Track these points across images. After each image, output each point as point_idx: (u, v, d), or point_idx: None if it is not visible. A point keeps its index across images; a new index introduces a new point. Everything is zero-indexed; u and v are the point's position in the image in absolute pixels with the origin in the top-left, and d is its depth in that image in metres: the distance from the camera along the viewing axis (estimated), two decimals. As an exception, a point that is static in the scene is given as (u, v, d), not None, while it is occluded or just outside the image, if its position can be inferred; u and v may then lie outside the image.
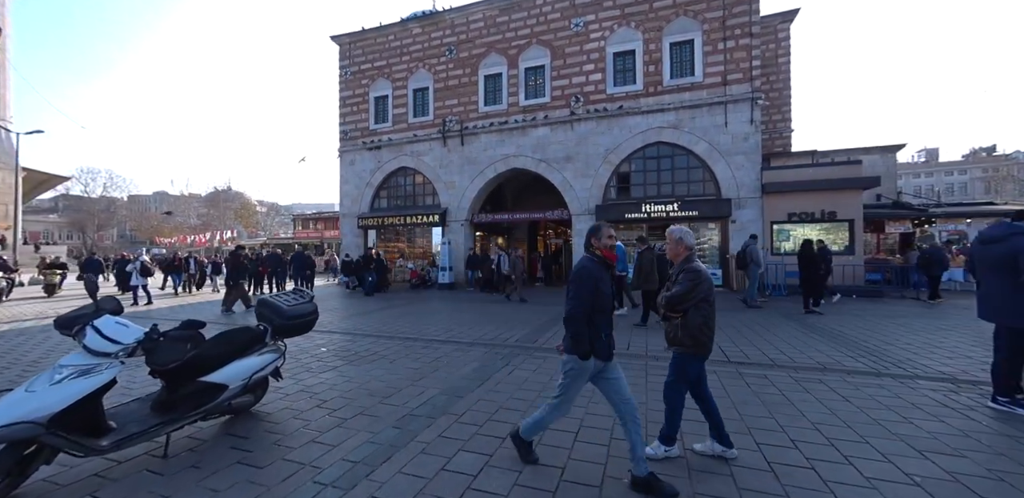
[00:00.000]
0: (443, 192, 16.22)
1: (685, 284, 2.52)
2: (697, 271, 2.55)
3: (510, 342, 6.00)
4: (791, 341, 5.85)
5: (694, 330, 2.53)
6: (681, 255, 2.68)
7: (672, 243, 2.71)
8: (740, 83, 12.68)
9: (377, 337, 6.50)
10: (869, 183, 11.70)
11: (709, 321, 2.56)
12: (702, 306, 2.53)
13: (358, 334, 6.73)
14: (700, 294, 2.52)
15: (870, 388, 3.81)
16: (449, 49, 16.22)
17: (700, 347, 2.56)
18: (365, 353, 5.41)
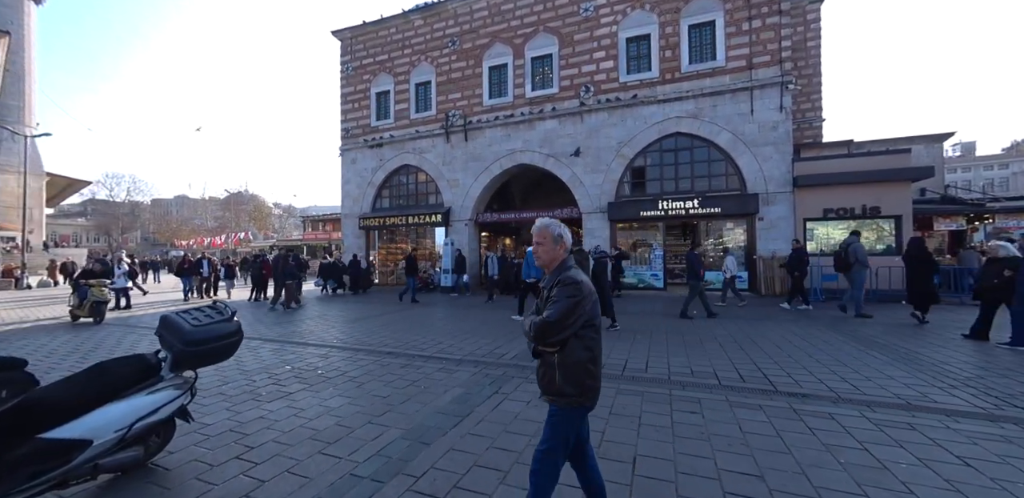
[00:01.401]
0: (446, 190, 15.43)
1: (562, 303, 1.73)
2: (577, 283, 1.77)
3: (505, 359, 5.10)
4: (848, 362, 4.79)
5: (578, 371, 1.77)
6: (555, 258, 1.88)
7: (543, 240, 1.89)
8: (767, 66, 11.52)
9: (355, 351, 5.68)
10: (920, 174, 10.41)
11: (597, 356, 1.83)
12: (586, 334, 1.79)
13: (335, 347, 5.93)
14: (583, 317, 1.75)
15: (993, 442, 2.77)
16: (452, 40, 15.45)
17: (586, 395, 1.80)
18: (333, 373, 4.59)
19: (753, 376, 4.27)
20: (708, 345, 5.73)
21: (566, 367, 1.75)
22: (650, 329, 6.93)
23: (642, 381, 4.17)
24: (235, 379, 4.43)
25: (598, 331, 1.84)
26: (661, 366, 4.71)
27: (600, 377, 1.85)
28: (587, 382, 1.77)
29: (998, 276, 5.43)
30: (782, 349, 5.44)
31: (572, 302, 1.71)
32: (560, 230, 1.89)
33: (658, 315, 8.52)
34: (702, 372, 4.44)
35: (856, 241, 8.02)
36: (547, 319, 1.71)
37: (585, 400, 1.79)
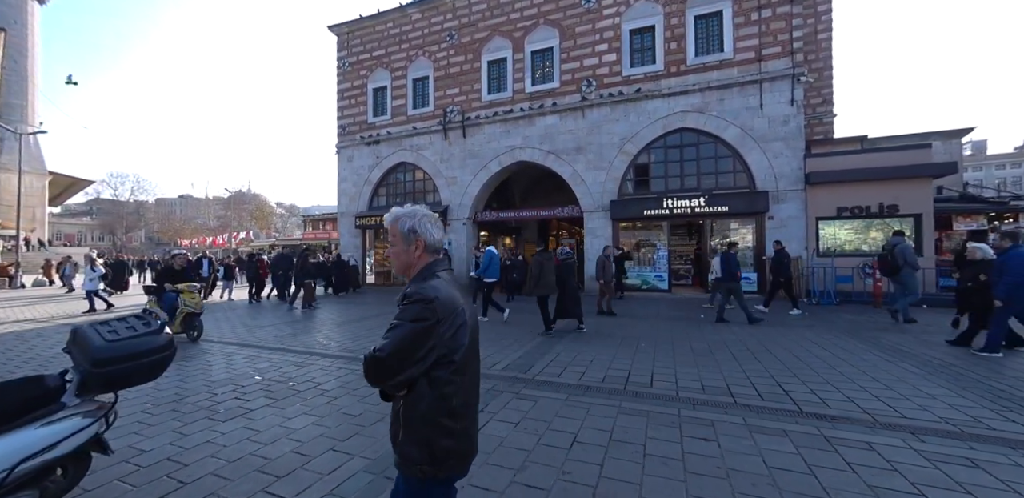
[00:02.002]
0: (444, 188, 15.01)
1: (400, 331, 1.19)
2: (428, 301, 1.20)
3: (496, 370, 4.65)
4: (877, 375, 4.31)
5: (426, 427, 1.23)
6: (409, 264, 1.35)
7: (392, 239, 1.37)
8: (777, 58, 11.01)
9: (335, 358, 5.25)
10: (942, 170, 9.86)
11: (457, 407, 1.25)
12: (441, 376, 1.22)
13: (315, 354, 5.50)
14: (435, 350, 1.20)
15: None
16: (450, 34, 15.02)
17: (439, 463, 1.24)
18: (305, 386, 4.15)
19: (772, 393, 3.79)
20: (719, 354, 5.25)
21: (410, 421, 1.23)
22: (655, 335, 6.46)
23: (647, 398, 3.70)
24: (196, 391, 4.01)
25: (465, 370, 1.26)
26: (668, 379, 4.24)
27: (469, 436, 1.29)
28: (440, 443, 1.22)
29: (973, 279, 5.35)
30: (800, 359, 4.95)
31: (415, 329, 1.17)
32: (415, 223, 1.32)
33: (663, 319, 8.04)
34: (714, 387, 3.97)
35: (903, 241, 7.43)
36: (375, 354, 1.17)
37: (439, 470, 1.24)
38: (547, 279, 6.55)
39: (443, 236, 1.39)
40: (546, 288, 6.56)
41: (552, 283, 6.60)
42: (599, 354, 5.29)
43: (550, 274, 6.59)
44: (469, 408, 1.30)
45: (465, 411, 1.28)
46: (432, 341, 1.18)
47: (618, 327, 7.19)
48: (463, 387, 1.26)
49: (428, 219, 1.35)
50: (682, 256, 14.59)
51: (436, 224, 1.36)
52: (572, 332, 6.73)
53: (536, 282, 6.60)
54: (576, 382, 4.17)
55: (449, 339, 1.21)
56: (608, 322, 7.73)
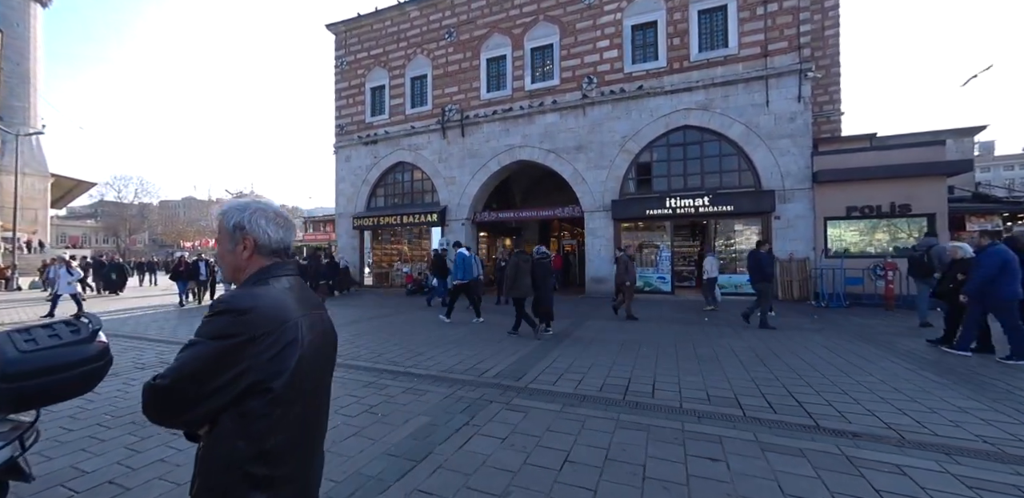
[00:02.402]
0: (442, 189, 14.75)
1: (192, 352, 0.89)
2: (239, 311, 0.90)
3: (487, 377, 4.36)
4: (899, 385, 3.98)
5: (226, 475, 0.91)
6: (237, 267, 1.05)
7: (218, 237, 1.10)
8: (784, 53, 10.70)
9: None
10: (957, 168, 9.51)
11: (274, 447, 0.92)
12: (254, 409, 0.90)
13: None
14: (244, 377, 0.88)
15: None
16: (448, 32, 14.80)
17: None
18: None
19: (784, 404, 3.48)
20: (725, 360, 4.94)
21: (207, 468, 0.93)
22: (657, 339, 6.15)
23: (648, 410, 3.40)
24: (164, 401, 3.72)
25: (293, 401, 0.94)
26: (671, 388, 3.94)
27: (298, 487, 0.97)
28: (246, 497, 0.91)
29: (953, 279, 5.35)
30: (812, 366, 4.63)
31: (217, 348, 0.88)
32: (243, 218, 1.03)
33: (665, 321, 7.72)
34: (721, 397, 3.66)
35: (938, 242, 7.03)
36: (155, 382, 0.89)
37: None
38: (523, 280, 6.50)
39: (288, 235, 1.08)
40: (522, 290, 6.50)
41: (528, 285, 6.55)
42: (598, 360, 4.98)
43: (526, 276, 6.53)
44: (299, 450, 0.98)
45: (290, 454, 0.95)
46: (242, 363, 0.87)
47: (619, 331, 6.89)
48: (287, 423, 0.93)
49: (263, 214, 1.05)
50: (685, 257, 14.24)
51: (277, 220, 1.06)
52: (569, 338, 6.43)
53: (512, 283, 6.53)
54: (572, 391, 3.87)
55: (268, 361, 0.90)
56: (609, 326, 7.42)
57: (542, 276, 6.66)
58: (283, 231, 1.07)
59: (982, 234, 5.24)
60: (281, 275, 1.03)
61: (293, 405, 0.95)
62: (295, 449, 0.97)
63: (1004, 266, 4.60)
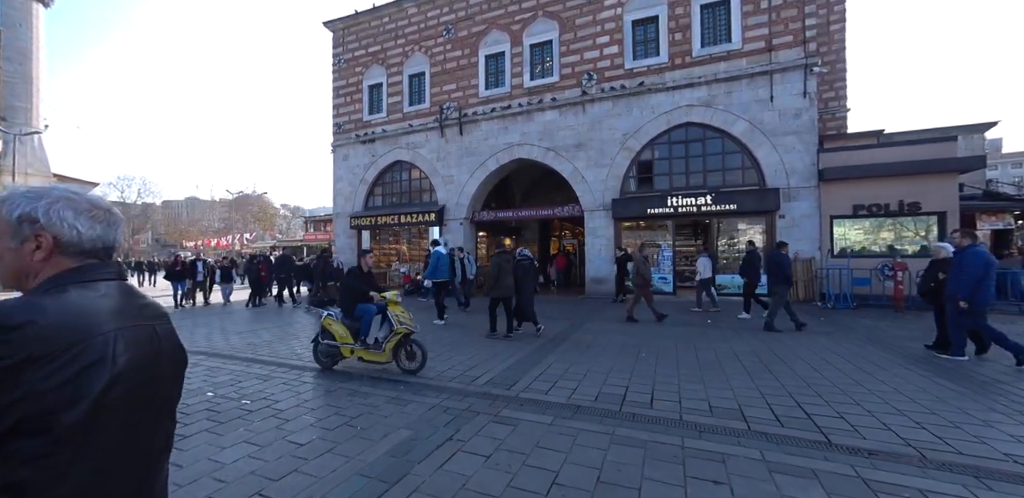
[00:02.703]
0: (440, 188, 14.55)
1: None
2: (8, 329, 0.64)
3: (478, 385, 4.15)
4: (915, 395, 3.74)
5: None
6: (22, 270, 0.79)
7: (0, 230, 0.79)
8: (789, 48, 10.42)
9: (304, 370, 4.78)
10: (969, 165, 9.23)
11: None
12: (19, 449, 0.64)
13: (284, 365, 5.03)
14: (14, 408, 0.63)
15: None
16: (447, 28, 14.58)
17: None
18: (258, 404, 3.67)
19: (792, 416, 3.25)
20: (728, 366, 4.71)
21: None
22: (657, 343, 5.92)
23: (645, 422, 3.18)
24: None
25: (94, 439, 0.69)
26: (670, 397, 3.71)
27: None
28: None
29: (935, 279, 5.35)
30: (820, 373, 4.39)
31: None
32: (33, 208, 0.78)
33: (667, 324, 7.49)
34: (724, 408, 3.43)
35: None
36: None
37: None
38: (504, 281, 6.41)
39: (108, 232, 0.84)
40: (503, 290, 6.41)
41: (510, 285, 6.45)
42: (594, 366, 4.76)
43: (508, 275, 6.43)
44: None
45: None
46: (12, 392, 0.64)
47: (618, 333, 6.66)
48: (84, 466, 0.70)
49: (71, 204, 0.81)
50: (687, 257, 13.97)
51: (93, 213, 0.82)
52: (566, 341, 6.22)
53: (494, 283, 6.42)
54: (565, 401, 3.65)
55: (56, 388, 0.67)
56: (608, 328, 7.20)
57: (522, 277, 6.60)
58: (102, 227, 0.83)
59: (962, 234, 5.05)
60: (94, 279, 0.79)
61: (96, 442, 0.71)
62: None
63: (987, 268, 4.60)
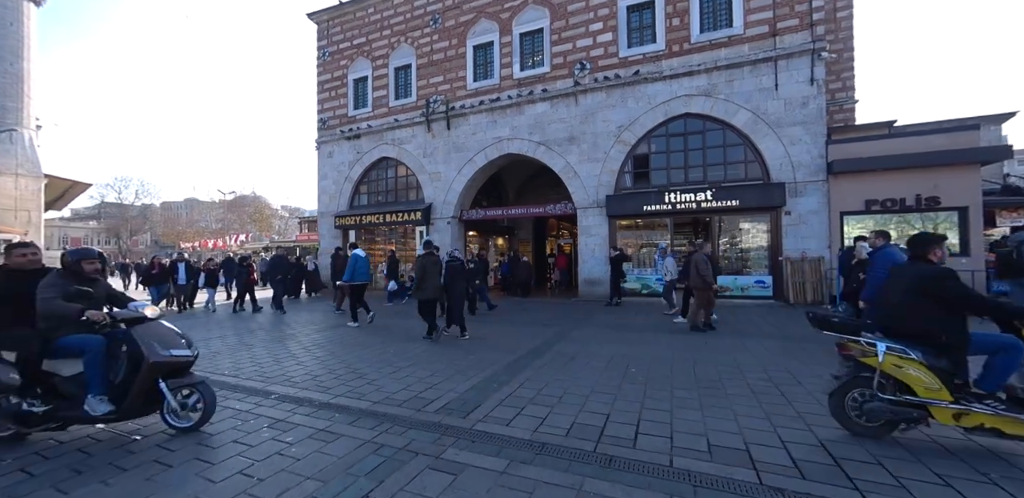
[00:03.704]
0: (427, 185, 13.87)
1: None
2: None
3: (427, 412, 3.45)
4: (960, 425, 3.01)
5: None
6: None
7: None
8: (795, 32, 9.70)
9: (233, 390, 4.09)
10: (993, 155, 8.49)
11: None
12: None
13: (215, 384, 4.34)
14: None
15: None
16: (433, 18, 13.92)
17: None
18: (149, 443, 2.96)
19: (816, 462, 2.54)
20: (731, 385, 4.00)
21: None
22: (650, 354, 5.21)
23: (624, 469, 2.47)
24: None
25: None
26: (660, 430, 3.00)
27: None
28: None
29: (857, 279, 5.35)
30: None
31: None
32: None
33: (663, 331, 6.78)
34: (726, 448, 2.72)
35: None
36: None
37: None
38: (430, 282, 6.25)
39: None
40: (429, 291, 6.24)
41: (437, 286, 6.33)
42: (574, 385, 4.06)
43: (433, 277, 6.27)
44: None
45: None
46: None
47: (607, 343, 5.95)
48: None
49: None
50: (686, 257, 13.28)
51: None
52: (548, 352, 5.51)
53: (419, 285, 6.26)
54: (529, 436, 2.94)
55: None
56: (597, 336, 6.49)
57: (451, 280, 6.47)
58: None
59: (877, 234, 4.79)
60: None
61: None
62: None
63: None
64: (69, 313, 2.79)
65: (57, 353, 2.86)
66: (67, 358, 2.87)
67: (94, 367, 2.82)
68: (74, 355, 2.86)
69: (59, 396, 2.83)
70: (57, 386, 2.84)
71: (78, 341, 2.87)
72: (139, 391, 2.83)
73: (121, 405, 2.81)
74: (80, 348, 2.84)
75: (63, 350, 2.86)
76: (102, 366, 2.84)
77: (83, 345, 2.84)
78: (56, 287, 2.87)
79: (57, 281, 2.92)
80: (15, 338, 2.79)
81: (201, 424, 3.03)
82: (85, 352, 2.82)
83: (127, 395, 2.83)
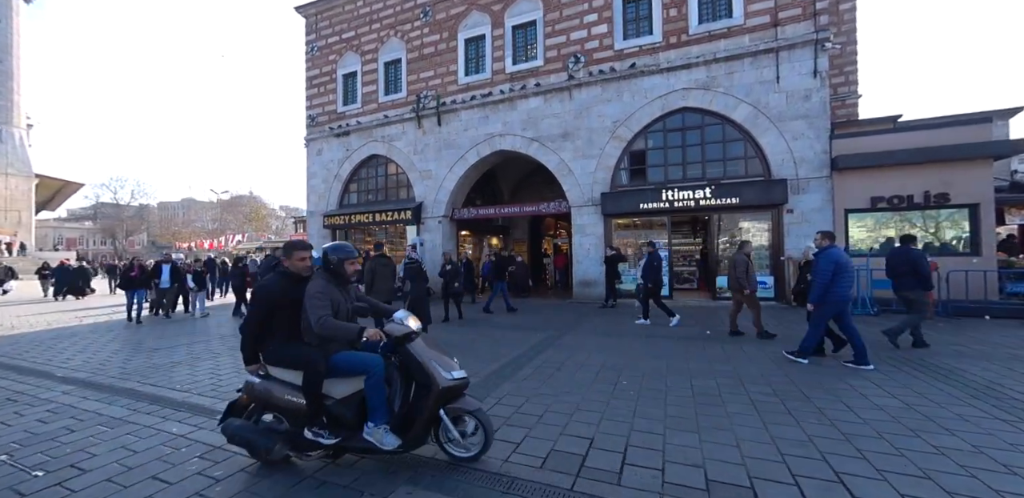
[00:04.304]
0: (417, 183, 13.45)
1: None
2: None
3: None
4: (1000, 453, 2.62)
5: None
6: None
7: None
8: (797, 22, 9.29)
9: (176, 409, 3.67)
10: (1006, 149, 8.08)
11: None
12: None
13: (158, 399, 3.92)
14: None
15: None
16: (424, 11, 13.48)
17: None
18: (51, 479, 2.57)
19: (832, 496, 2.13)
20: (732, 401, 3.59)
21: None
22: (643, 364, 4.80)
23: (606, 515, 2.06)
24: None
25: None
26: (650, 458, 2.60)
27: None
28: None
29: (804, 280, 5.44)
30: (857, 414, 3.27)
31: None
32: None
33: (659, 337, 6.38)
34: (728, 484, 2.32)
35: None
36: None
37: None
38: (381, 285, 6.12)
39: None
40: (379, 295, 6.06)
41: (389, 289, 6.24)
42: (557, 401, 3.65)
43: (385, 280, 6.17)
44: None
45: None
46: None
47: (599, 351, 5.54)
48: None
49: None
50: (685, 257, 12.91)
51: None
52: (535, 360, 5.11)
53: (368, 289, 6.10)
54: (498, 468, 2.53)
55: None
56: (588, 343, 6.08)
57: (411, 280, 6.47)
58: None
59: (821, 235, 4.79)
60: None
61: None
62: None
63: (836, 270, 4.55)
64: (350, 335, 2.37)
65: (331, 372, 2.43)
66: (340, 377, 2.45)
67: (379, 392, 2.38)
68: (347, 374, 2.45)
69: (338, 424, 2.46)
70: (329, 410, 2.45)
71: (358, 361, 2.44)
72: (427, 420, 2.40)
73: (406, 436, 2.39)
74: (360, 368, 2.42)
75: (336, 369, 2.43)
76: (385, 391, 2.42)
77: (364, 366, 2.41)
78: (326, 297, 2.46)
79: (327, 289, 2.49)
80: (302, 355, 2.41)
81: (483, 453, 2.54)
82: (368, 374, 2.38)
83: (410, 424, 2.41)
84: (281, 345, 2.51)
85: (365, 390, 2.40)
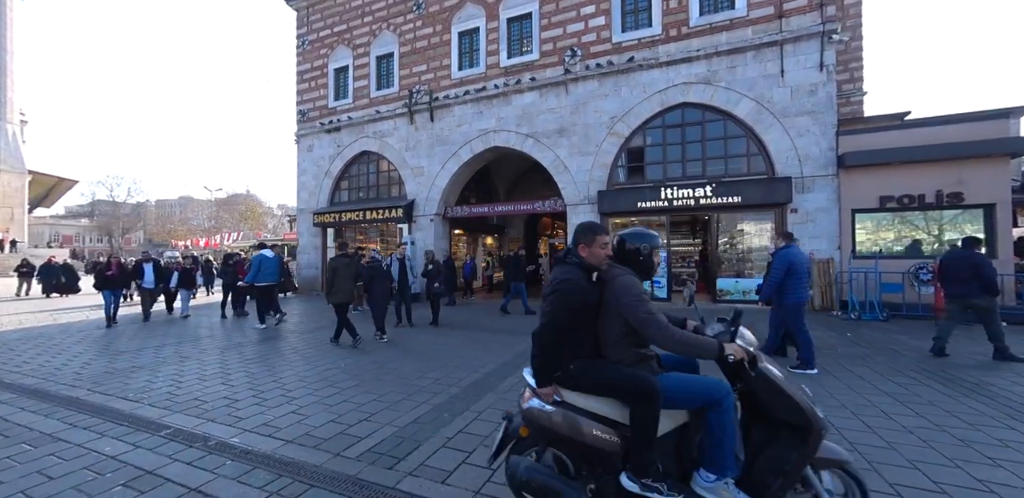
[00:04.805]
0: (409, 180, 13.07)
1: None
2: None
3: (346, 459, 2.67)
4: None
5: None
6: None
7: None
8: (803, 13, 8.94)
9: (117, 423, 3.29)
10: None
11: None
12: None
13: (103, 411, 3.55)
14: None
15: None
16: (417, 3, 13.11)
17: None
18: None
19: None
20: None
21: None
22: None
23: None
24: None
25: None
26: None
27: None
28: None
29: None
30: (875, 431, 2.90)
31: None
32: None
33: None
34: None
35: None
36: None
37: None
38: (341, 285, 6.10)
39: None
40: (340, 294, 6.09)
41: (349, 289, 6.20)
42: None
43: (345, 280, 6.14)
44: None
45: None
46: None
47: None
48: None
49: None
50: (684, 258, 12.54)
51: None
52: (521, 369, 4.73)
53: (330, 288, 6.12)
54: (466, 502, 2.17)
55: None
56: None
57: (371, 281, 6.46)
58: None
59: (779, 235, 4.78)
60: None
61: None
62: None
63: (789, 270, 4.52)
64: (709, 352, 1.74)
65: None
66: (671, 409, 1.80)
67: (728, 432, 1.72)
68: (674, 405, 1.78)
69: None
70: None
71: (701, 386, 1.79)
72: (794, 477, 1.69)
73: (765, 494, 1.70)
74: (704, 397, 1.76)
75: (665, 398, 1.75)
76: (735, 431, 1.77)
77: (710, 393, 1.75)
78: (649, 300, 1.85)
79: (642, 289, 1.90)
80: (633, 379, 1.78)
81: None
82: (712, 406, 1.73)
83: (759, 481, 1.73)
84: (592, 364, 1.90)
85: (707, 427, 1.74)
